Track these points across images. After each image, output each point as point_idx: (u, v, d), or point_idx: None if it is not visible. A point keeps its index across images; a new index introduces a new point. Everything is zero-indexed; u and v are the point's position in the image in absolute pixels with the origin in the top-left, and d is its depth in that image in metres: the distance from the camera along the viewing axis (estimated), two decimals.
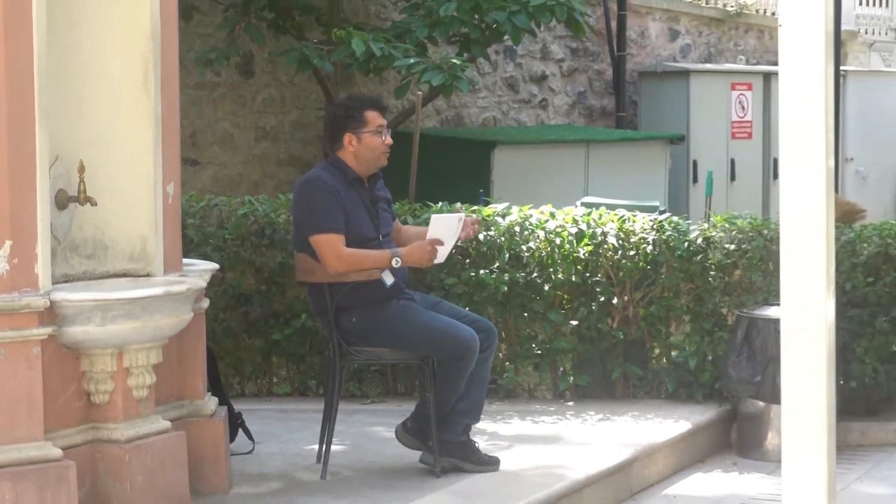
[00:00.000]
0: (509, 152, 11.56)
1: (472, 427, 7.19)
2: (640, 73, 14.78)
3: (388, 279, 6.95)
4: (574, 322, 8.60)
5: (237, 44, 10.76)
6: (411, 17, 10.73)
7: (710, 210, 11.19)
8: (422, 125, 10.84)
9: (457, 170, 11.23)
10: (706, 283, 8.49)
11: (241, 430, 7.46)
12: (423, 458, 7.09)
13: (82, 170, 6.25)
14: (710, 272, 8.48)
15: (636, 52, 14.87)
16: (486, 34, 10.73)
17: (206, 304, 6.78)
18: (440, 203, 8.96)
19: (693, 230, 8.61)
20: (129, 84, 6.42)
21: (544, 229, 8.61)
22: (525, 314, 8.68)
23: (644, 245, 8.52)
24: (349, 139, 7.06)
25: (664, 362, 8.65)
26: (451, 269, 8.48)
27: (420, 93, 10.36)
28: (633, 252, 8.51)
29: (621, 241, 8.53)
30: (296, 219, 7.15)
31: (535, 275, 8.58)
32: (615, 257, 8.53)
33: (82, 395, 6.11)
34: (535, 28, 11.03)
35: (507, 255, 8.58)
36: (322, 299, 7.02)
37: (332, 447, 7.12)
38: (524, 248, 8.59)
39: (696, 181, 13.56)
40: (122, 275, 6.41)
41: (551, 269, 8.56)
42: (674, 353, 8.60)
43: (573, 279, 8.55)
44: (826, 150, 2.86)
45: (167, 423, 6.34)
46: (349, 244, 6.92)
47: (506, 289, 8.55)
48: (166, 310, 6.22)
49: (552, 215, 8.71)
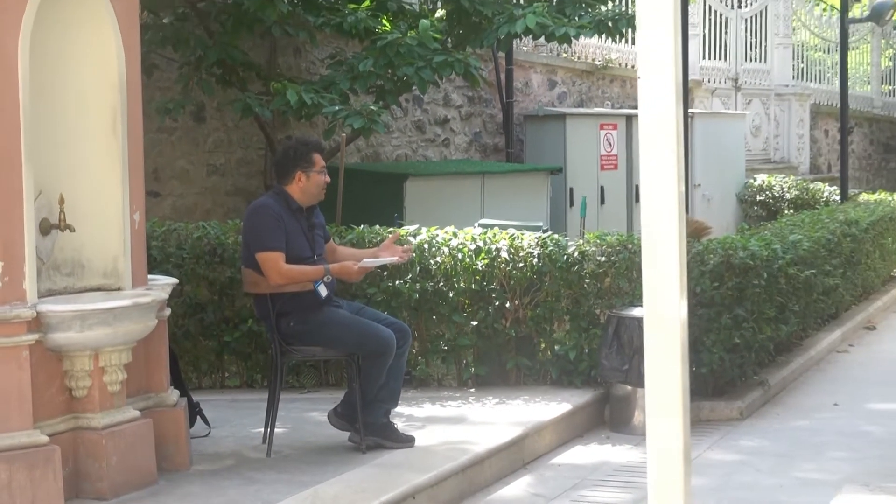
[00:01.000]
0: (419, 183, 11.55)
1: (391, 411, 7.20)
2: (525, 116, 14.83)
3: (323, 291, 6.95)
4: (474, 323, 8.59)
5: (191, 95, 10.68)
6: (336, 72, 10.70)
7: (584, 229, 11.23)
8: (346, 161, 10.83)
9: (376, 198, 11.21)
10: (582, 289, 8.52)
11: (199, 417, 7.41)
12: (352, 438, 7.10)
13: (62, 202, 6.21)
14: (586, 280, 8.51)
15: (521, 99, 14.92)
16: (398, 86, 10.72)
17: (167, 312, 6.73)
18: (362, 225, 8.96)
19: (570, 245, 8.63)
20: (100, 129, 6.40)
21: (448, 246, 8.60)
22: (434, 317, 8.68)
23: (531, 258, 8.53)
24: (299, 176, 7.05)
25: (549, 355, 8.65)
26: (372, 280, 8.48)
27: (344, 134, 10.33)
28: (521, 264, 8.52)
29: (512, 255, 8.54)
30: (244, 238, 7.11)
31: (441, 284, 8.58)
32: (507, 269, 8.54)
33: (65, 391, 6.08)
34: (438, 80, 11.04)
35: (418, 268, 8.57)
36: (265, 307, 7.00)
37: (275, 430, 7.11)
38: (432, 262, 8.59)
39: (572, 205, 13.61)
40: (97, 289, 6.39)
41: (454, 280, 8.57)
42: (556, 347, 8.61)
43: (473, 287, 8.56)
44: (677, 178, 2.87)
45: (137, 413, 6.32)
46: (288, 261, 6.91)
47: (417, 296, 8.55)
48: (134, 318, 6.20)
49: (454, 234, 8.71)
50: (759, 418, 8.56)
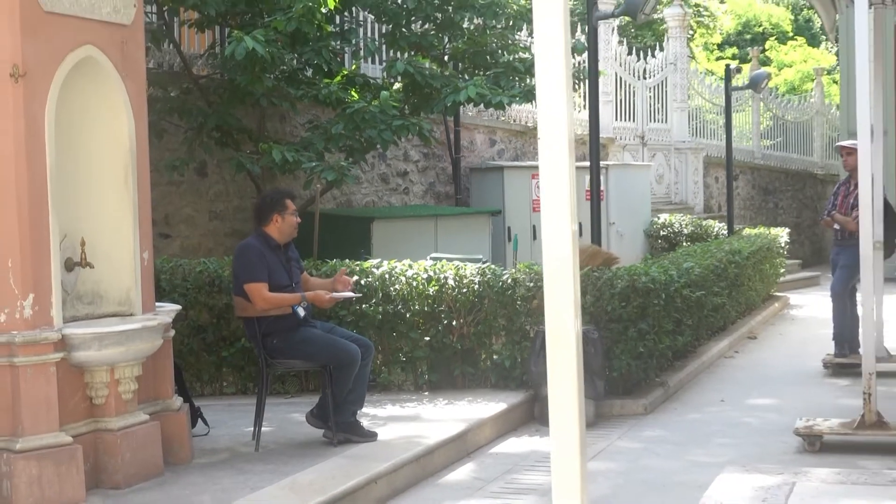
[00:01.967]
0: (383, 225, 11.55)
1: (358, 412, 7.19)
2: (471, 168, 14.84)
3: (301, 312, 6.95)
4: (427, 338, 8.58)
5: (194, 155, 10.66)
6: (313, 135, 10.70)
7: (516, 260, 11.28)
8: (322, 207, 10.82)
9: (348, 237, 11.20)
10: (515, 310, 8.53)
11: (200, 419, 7.37)
12: (325, 434, 7.08)
13: (83, 243, 6.20)
14: (518, 302, 8.51)
15: (467, 155, 14.95)
16: (364, 145, 10.73)
17: (172, 333, 6.70)
18: (335, 259, 8.95)
19: (505, 274, 8.66)
20: (115, 183, 6.38)
21: (405, 276, 8.60)
22: (394, 333, 8.67)
23: (472, 285, 8.54)
24: (276, 218, 7.05)
25: (489, 364, 8.65)
26: (343, 304, 8.46)
27: (319, 185, 10.33)
28: (465, 290, 8.53)
29: (457, 283, 8.55)
30: (234, 272, 7.10)
31: (399, 307, 8.57)
32: (453, 293, 8.55)
33: (86, 399, 6.05)
34: (397, 140, 11.05)
35: (381, 294, 8.57)
36: (253, 328, 6.99)
37: (262, 429, 7.09)
38: (392, 289, 8.59)
39: (509, 241, 13.65)
40: (113, 315, 6.36)
41: (410, 303, 8.57)
42: (495, 357, 8.61)
43: (425, 309, 8.56)
44: (571, 217, 2.87)
45: (146, 416, 6.29)
46: (271, 290, 6.90)
47: (380, 317, 8.54)
48: (144, 338, 6.18)
49: (410, 266, 8.70)
50: (660, 413, 8.57)
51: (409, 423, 7.58)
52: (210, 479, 6.24)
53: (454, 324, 8.60)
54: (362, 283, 8.50)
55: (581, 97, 16.21)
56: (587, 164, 10.75)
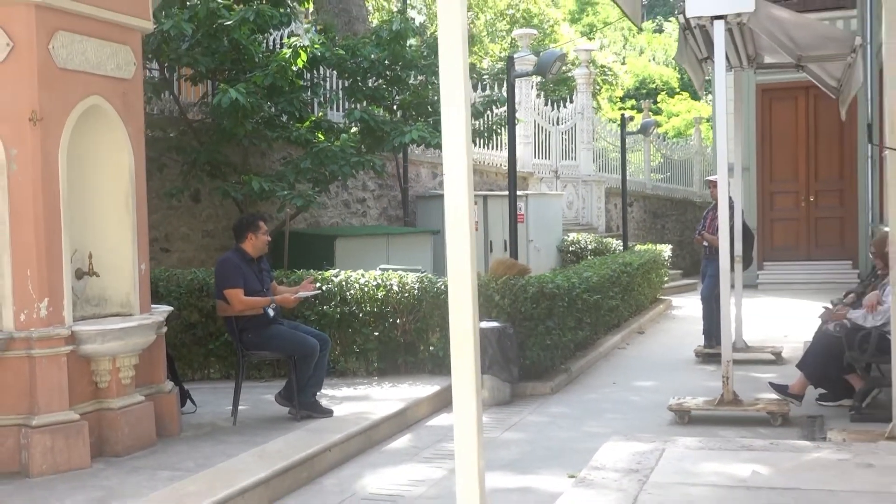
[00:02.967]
0: (345, 242, 11.50)
1: (317, 393, 7.17)
2: (417, 196, 14.86)
3: (271, 313, 6.94)
4: (376, 333, 8.60)
5: (190, 184, 10.59)
6: (286, 169, 10.66)
7: None
8: (295, 227, 10.79)
9: (314, 252, 11.15)
10: (447, 310, 8.53)
11: (188, 400, 7.33)
12: (290, 412, 7.06)
13: (91, 256, 6.16)
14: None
15: (414, 185, 14.97)
16: (328, 177, 10.71)
17: (164, 329, 6.65)
18: (302, 270, 8.94)
19: (439, 282, 8.69)
20: (117, 207, 6.35)
21: (359, 283, 8.62)
22: (350, 329, 8.66)
23: (413, 290, 8.58)
24: (250, 236, 7.04)
25: (426, 354, 8.66)
26: (308, 306, 8.46)
27: (290, 210, 10.31)
28: (407, 294, 8.57)
29: (401, 288, 8.58)
30: (216, 280, 7.07)
31: (354, 308, 8.58)
32: (398, 297, 8.58)
33: (91, 383, 6.00)
34: (355, 174, 11.06)
35: (339, 297, 8.58)
36: (232, 325, 6.97)
37: (239, 407, 7.05)
38: (348, 293, 8.60)
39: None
40: (116, 315, 6.32)
41: (363, 305, 8.58)
42: (431, 348, 8.61)
43: (375, 310, 8.58)
44: (471, 242, 2.90)
45: (142, 398, 6.25)
46: (246, 294, 6.88)
47: (339, 316, 8.54)
48: (140, 334, 6.14)
49: (363, 275, 8.72)
50: (564, 393, 8.60)
51: (360, 402, 7.57)
52: (194, 448, 6.21)
53: (398, 322, 8.61)
54: (323, 288, 8.51)
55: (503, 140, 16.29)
56: (507, 193, 10.79)
